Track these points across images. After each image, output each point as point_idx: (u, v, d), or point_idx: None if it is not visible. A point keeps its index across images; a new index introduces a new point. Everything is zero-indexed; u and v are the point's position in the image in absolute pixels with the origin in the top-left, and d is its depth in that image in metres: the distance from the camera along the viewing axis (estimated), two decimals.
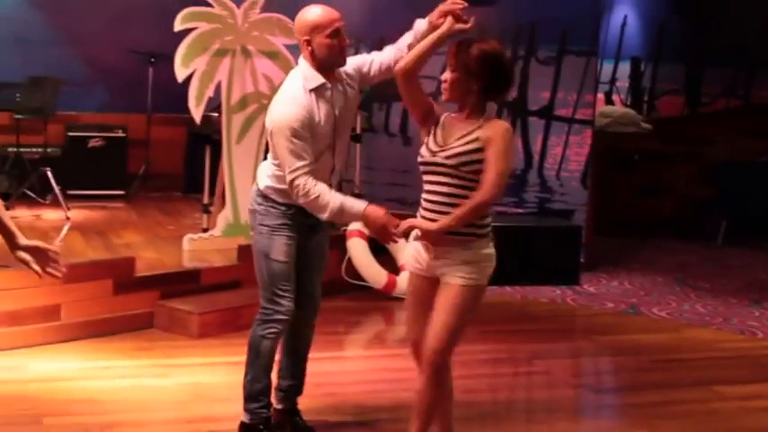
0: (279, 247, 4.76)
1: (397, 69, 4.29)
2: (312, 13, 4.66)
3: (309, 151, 4.55)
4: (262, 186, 4.82)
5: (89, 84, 11.35)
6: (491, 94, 4.36)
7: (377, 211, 4.40)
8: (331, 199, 4.48)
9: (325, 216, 4.53)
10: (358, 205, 4.46)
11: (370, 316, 7.86)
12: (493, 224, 9.22)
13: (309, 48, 4.65)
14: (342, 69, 4.77)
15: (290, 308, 4.79)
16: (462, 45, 4.27)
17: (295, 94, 4.63)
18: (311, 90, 4.63)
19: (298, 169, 4.50)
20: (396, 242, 4.47)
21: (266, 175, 4.81)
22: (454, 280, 4.30)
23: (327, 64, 4.67)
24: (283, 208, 4.75)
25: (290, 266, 4.79)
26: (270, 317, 4.80)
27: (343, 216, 4.52)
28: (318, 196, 4.47)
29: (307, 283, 4.95)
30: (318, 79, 4.64)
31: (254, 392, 4.87)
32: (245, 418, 4.89)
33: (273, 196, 4.77)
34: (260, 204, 4.82)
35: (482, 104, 4.35)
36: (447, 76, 4.27)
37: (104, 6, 11.43)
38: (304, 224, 4.80)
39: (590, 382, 6.69)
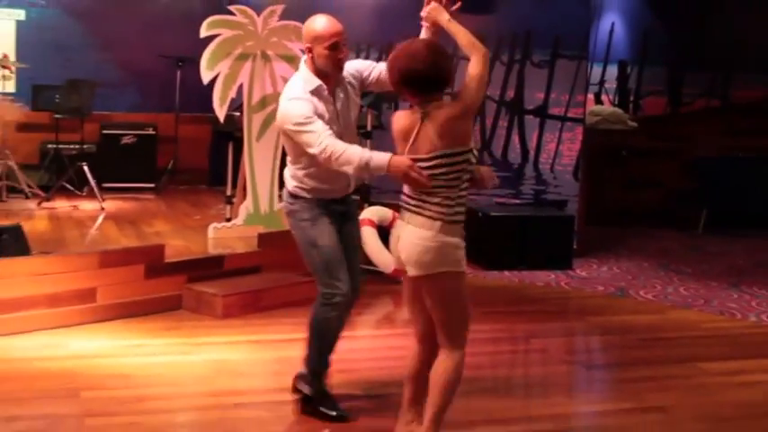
0: (323, 233, 4.73)
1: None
2: (316, 24, 4.64)
3: (325, 125, 4.53)
4: (290, 188, 4.81)
5: (122, 86, 11.37)
6: None
7: (401, 158, 4.21)
8: (359, 152, 4.40)
9: (354, 167, 4.40)
10: (383, 155, 4.32)
11: (379, 298, 7.80)
12: (492, 214, 9.20)
13: (310, 54, 4.66)
14: (345, 71, 4.77)
15: (348, 290, 4.74)
16: None
17: (296, 93, 4.64)
18: (310, 92, 4.63)
19: (321, 135, 4.47)
20: (424, 183, 4.13)
21: (290, 176, 4.81)
22: None
23: (323, 72, 4.67)
24: (314, 200, 4.74)
25: (339, 250, 4.75)
26: (330, 300, 4.74)
27: (370, 167, 4.36)
28: (346, 149, 4.41)
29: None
30: (315, 82, 4.65)
31: (318, 371, 4.90)
32: (309, 392, 4.90)
33: (302, 194, 4.75)
34: (292, 204, 4.80)
35: None
36: None
37: (136, 15, 11.45)
38: (336, 211, 4.80)
39: (582, 359, 6.66)
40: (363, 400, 5.21)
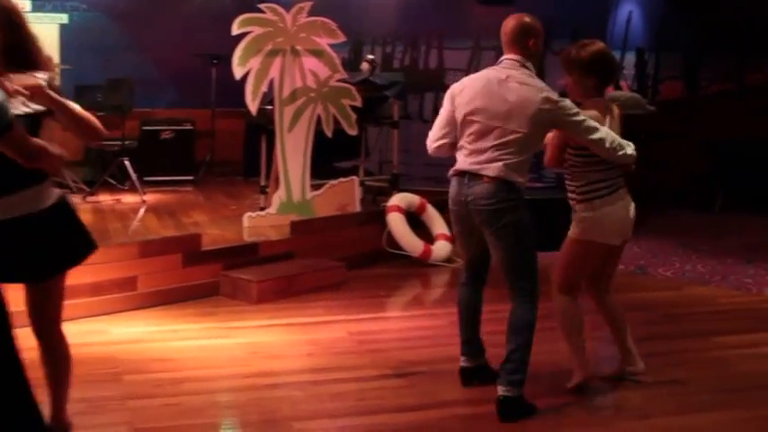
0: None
1: None
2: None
3: None
4: (514, 180, 4.54)
5: (160, 84, 11.37)
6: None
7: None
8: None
9: (625, 153, 4.85)
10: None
11: (408, 281, 7.78)
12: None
13: (536, 50, 4.74)
14: None
15: None
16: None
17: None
18: None
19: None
20: None
21: (517, 169, 4.55)
22: None
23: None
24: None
25: None
26: (537, 297, 4.75)
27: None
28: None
29: None
30: None
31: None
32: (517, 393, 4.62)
33: (522, 187, 4.60)
34: (517, 199, 4.58)
35: None
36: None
37: (172, 16, 11.45)
38: None
39: (605, 335, 6.56)
40: (393, 378, 5.17)
